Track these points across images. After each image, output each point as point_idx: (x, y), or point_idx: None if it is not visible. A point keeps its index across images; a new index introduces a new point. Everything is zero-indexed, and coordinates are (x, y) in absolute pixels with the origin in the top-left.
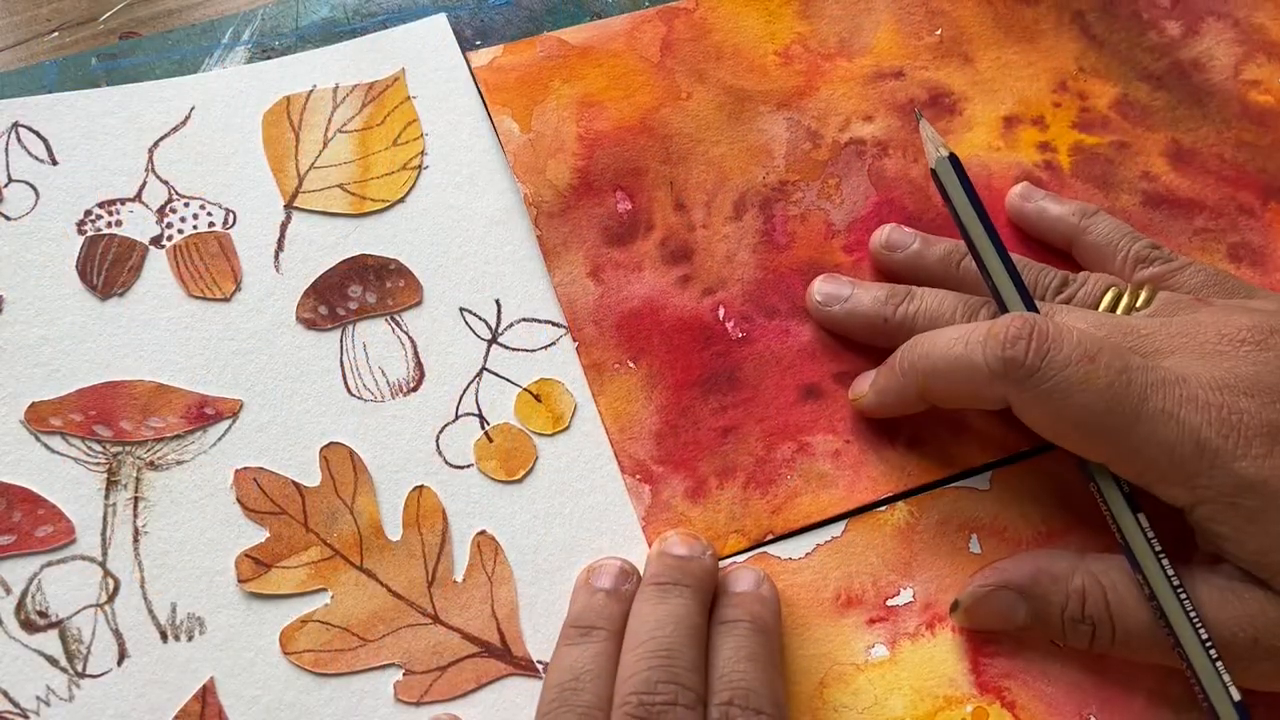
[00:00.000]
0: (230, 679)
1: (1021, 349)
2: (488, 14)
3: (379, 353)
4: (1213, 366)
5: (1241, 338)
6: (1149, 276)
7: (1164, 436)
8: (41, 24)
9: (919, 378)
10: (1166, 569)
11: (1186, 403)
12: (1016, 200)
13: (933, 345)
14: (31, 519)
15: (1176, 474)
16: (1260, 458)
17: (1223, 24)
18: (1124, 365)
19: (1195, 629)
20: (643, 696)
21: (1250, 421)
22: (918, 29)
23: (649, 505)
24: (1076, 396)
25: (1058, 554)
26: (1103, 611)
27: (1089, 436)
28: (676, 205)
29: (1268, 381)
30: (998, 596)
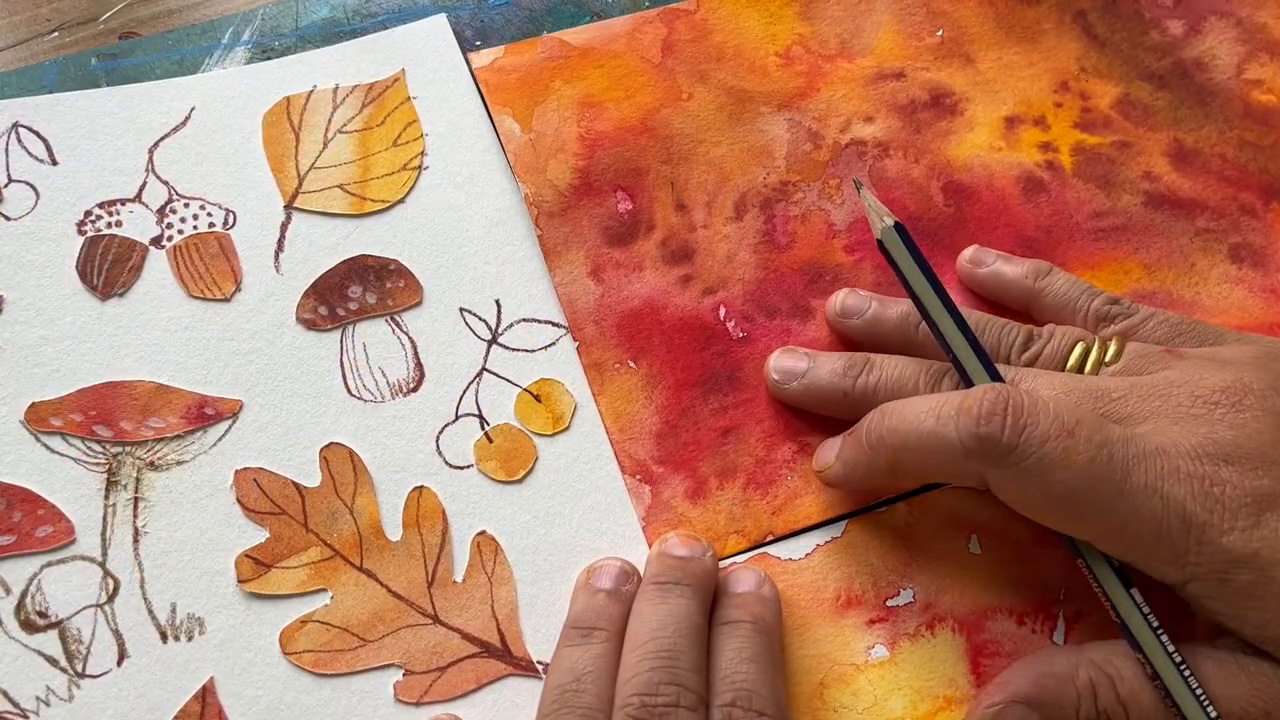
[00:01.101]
0: (230, 679)
1: (997, 425)
2: (488, 14)
3: (379, 353)
4: (1190, 433)
5: (1215, 399)
6: (1113, 334)
7: (1149, 512)
8: (41, 24)
9: (889, 452)
10: (1167, 646)
11: (1168, 476)
12: (968, 266)
13: (901, 419)
14: (31, 519)
15: (1165, 551)
16: (1248, 529)
17: (1225, 23)
18: (1104, 439)
19: (1204, 707)
20: (644, 698)
21: (1233, 492)
22: (919, 30)
23: (649, 506)
24: (1057, 474)
25: (1055, 653)
26: (1115, 703)
27: (1072, 515)
28: (677, 205)
29: (1247, 447)
30: (1009, 714)
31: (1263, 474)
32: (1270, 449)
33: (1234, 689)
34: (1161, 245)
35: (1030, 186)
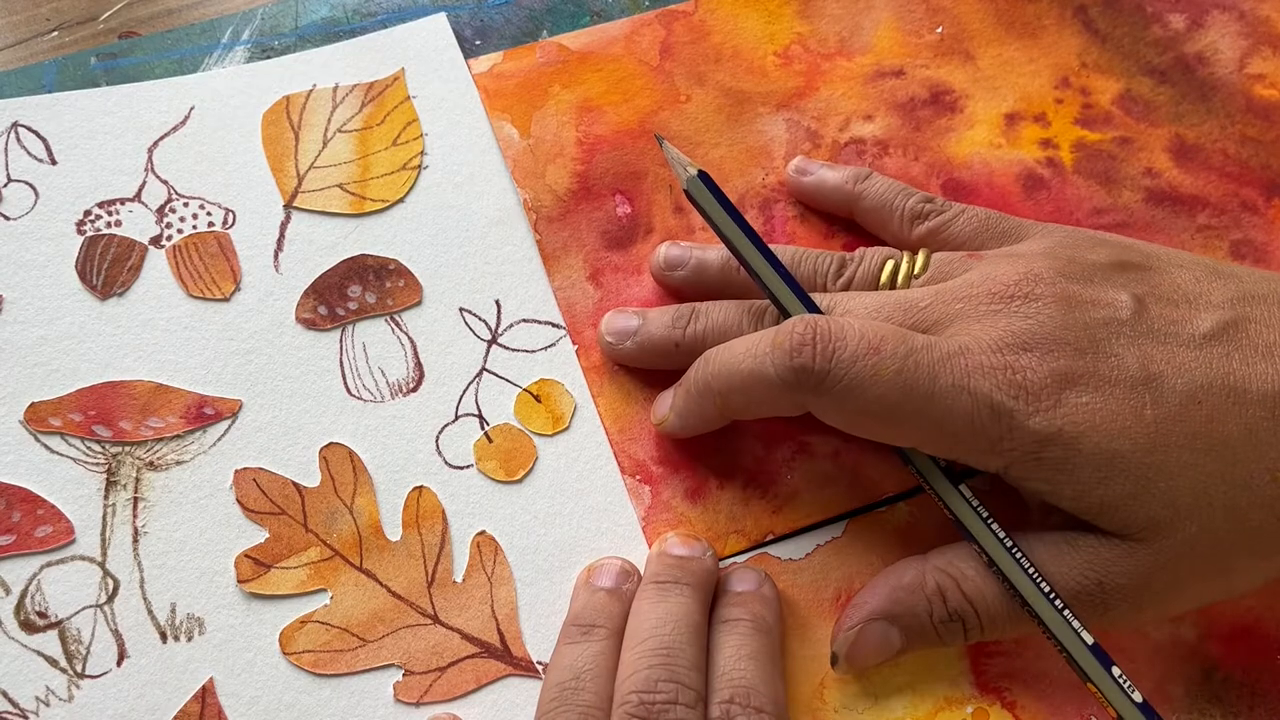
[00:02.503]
0: (230, 679)
1: (808, 355)
2: (487, 14)
3: (379, 353)
4: (989, 328)
5: (1010, 293)
6: (925, 231)
7: (961, 410)
8: (41, 23)
9: (715, 397)
10: (998, 533)
11: (973, 372)
12: (793, 175)
13: (723, 363)
14: (31, 519)
15: (981, 442)
16: (1050, 409)
17: (1227, 17)
18: (909, 349)
19: (1036, 583)
20: (643, 695)
21: (1033, 377)
22: (918, 27)
23: (649, 506)
24: (869, 390)
25: (904, 565)
26: (962, 602)
27: (890, 424)
28: (676, 208)
29: (1040, 332)
30: (868, 632)
31: (1059, 355)
32: (1062, 331)
33: (1065, 565)
34: (1162, 242)
35: (1031, 183)
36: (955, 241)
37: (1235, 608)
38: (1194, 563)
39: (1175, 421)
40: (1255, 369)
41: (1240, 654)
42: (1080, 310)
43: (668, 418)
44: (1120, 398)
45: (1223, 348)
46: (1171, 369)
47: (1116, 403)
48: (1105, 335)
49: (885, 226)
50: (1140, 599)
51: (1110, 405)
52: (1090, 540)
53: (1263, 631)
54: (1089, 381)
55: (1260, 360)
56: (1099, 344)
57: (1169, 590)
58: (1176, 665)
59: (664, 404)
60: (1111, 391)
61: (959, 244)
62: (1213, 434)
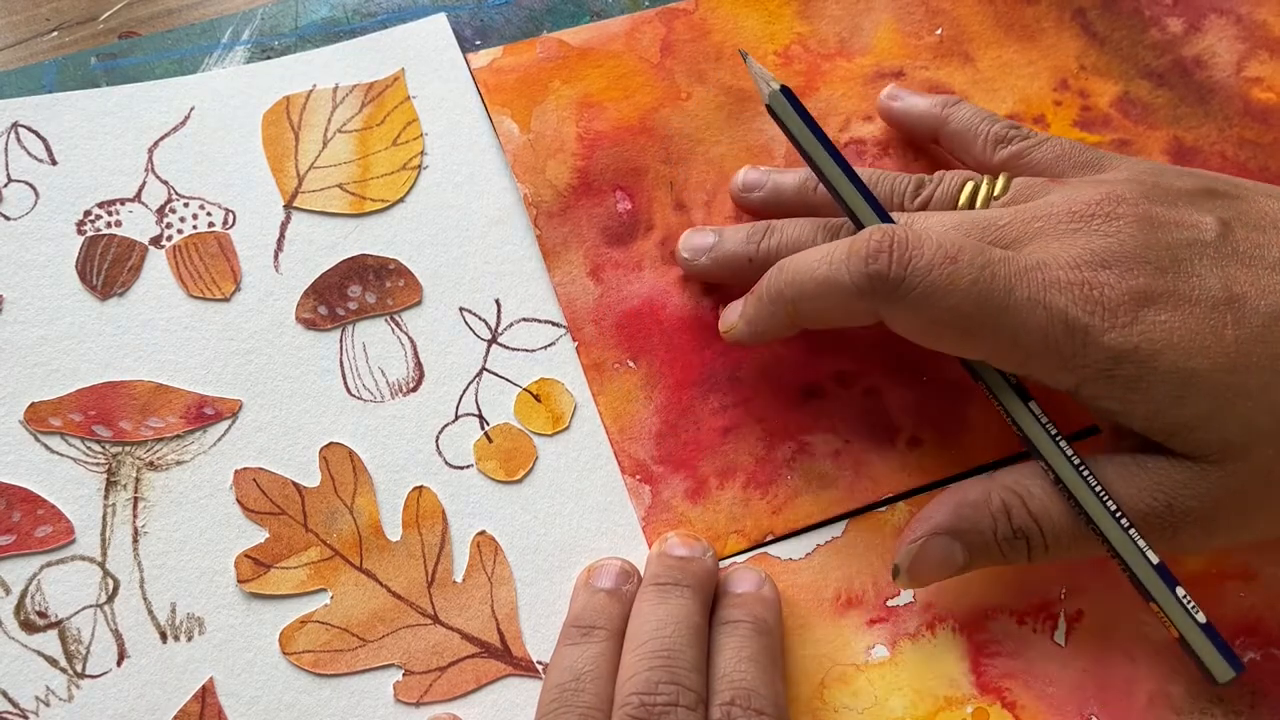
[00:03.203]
0: (230, 679)
1: (884, 261)
2: (487, 13)
3: (379, 353)
4: (1069, 245)
5: (1091, 212)
6: (1008, 155)
7: (1035, 323)
8: (41, 23)
9: (787, 304)
10: (1067, 451)
11: (1049, 286)
12: (885, 101)
13: (797, 269)
14: (31, 519)
15: (1054, 358)
16: (1127, 326)
17: (1225, 20)
18: (985, 260)
19: (1103, 501)
20: (644, 697)
21: (1110, 294)
22: (918, 28)
23: (649, 505)
24: (944, 299)
25: (971, 483)
26: (1027, 519)
27: (964, 336)
28: (676, 205)
29: (1120, 250)
30: (932, 546)
31: (1138, 273)
32: (1143, 250)
33: (1134, 486)
34: None
35: None
36: (1037, 168)
37: (1236, 605)
38: (1268, 488)
39: (1258, 342)
40: None
41: (1241, 654)
42: (1163, 231)
43: (736, 325)
44: (1200, 317)
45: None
46: (1256, 290)
47: (1196, 321)
48: (1188, 255)
49: (969, 150)
50: (1211, 523)
51: (1190, 324)
52: (1161, 462)
53: (1263, 630)
54: (1168, 300)
55: None
56: (1180, 264)
57: (1240, 516)
58: (1177, 664)
59: (733, 312)
60: (1191, 310)
61: (1041, 170)
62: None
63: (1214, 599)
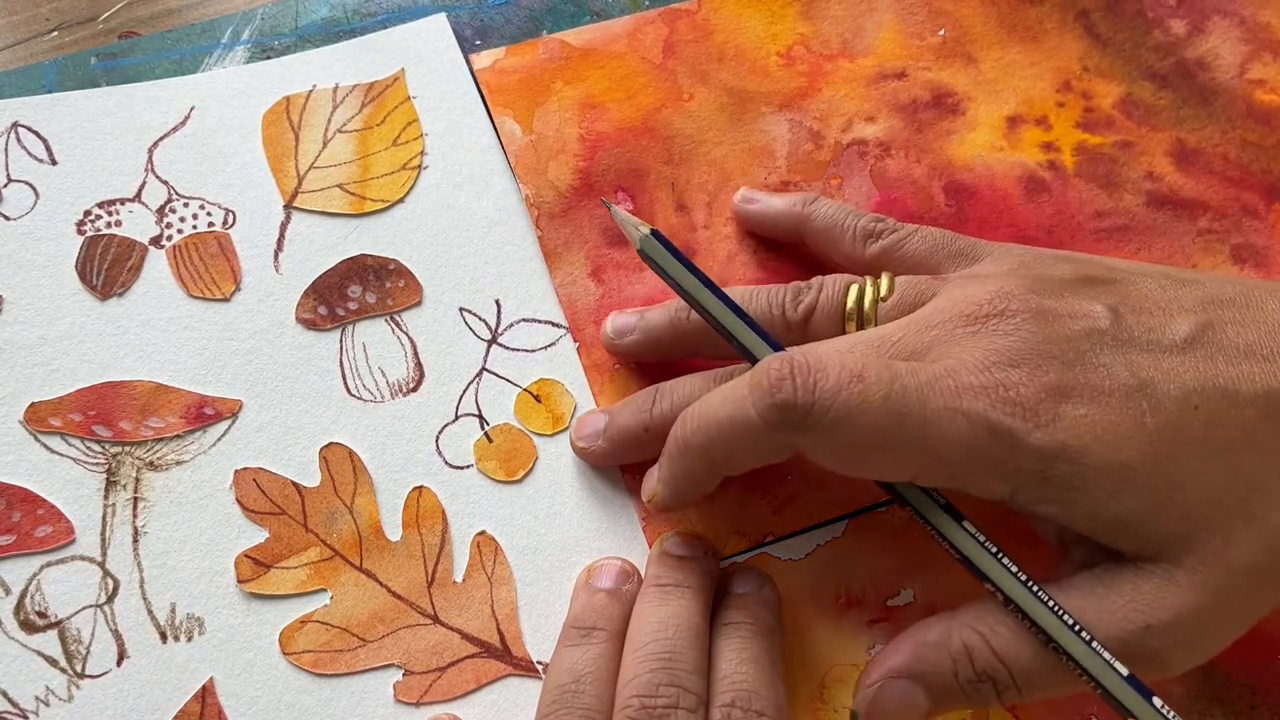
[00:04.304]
0: (230, 679)
1: (789, 390)
2: (487, 13)
3: (379, 353)
4: (970, 349)
5: (984, 313)
6: (880, 249)
7: (957, 432)
8: (41, 23)
9: (699, 455)
10: (1009, 566)
11: (963, 392)
12: (740, 204)
13: (701, 416)
14: (31, 519)
15: (984, 466)
16: (1050, 424)
17: (1228, 22)
18: (892, 375)
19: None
20: (644, 699)
21: (1025, 393)
22: (920, 29)
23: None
24: (859, 419)
25: (931, 621)
26: (992, 660)
27: (886, 455)
28: (678, 206)
29: (1023, 348)
30: (890, 690)
31: (1047, 369)
32: (1045, 344)
33: (1106, 610)
34: (1163, 246)
35: (1032, 186)
36: (910, 260)
37: None
38: (1233, 582)
39: (1176, 428)
40: (1240, 369)
41: (1240, 654)
42: (1059, 323)
43: (657, 490)
44: (1117, 407)
45: (1204, 350)
46: (1161, 375)
47: (1115, 413)
48: (1089, 346)
49: (837, 246)
50: (1195, 637)
51: (1109, 416)
52: (1127, 575)
53: (1263, 631)
54: (1083, 393)
55: (1243, 360)
56: (1084, 355)
57: (1220, 622)
58: None
59: (651, 479)
60: (1108, 401)
61: (914, 263)
62: (1213, 439)
63: None
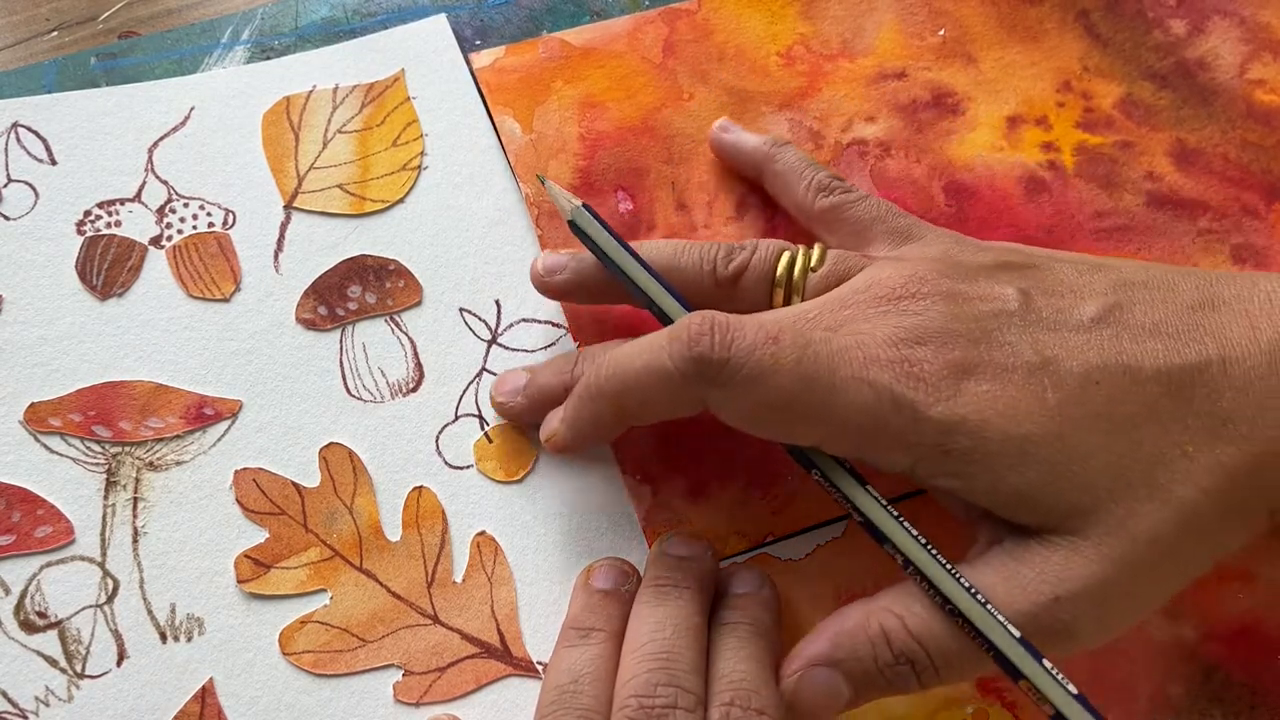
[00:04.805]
0: (229, 680)
1: (707, 344)
2: (487, 13)
3: (379, 353)
4: (880, 325)
5: (897, 294)
6: (829, 205)
7: (862, 402)
8: (40, 23)
9: (610, 400)
10: (910, 530)
11: (870, 364)
12: (716, 132)
13: (617, 362)
14: (31, 519)
15: (886, 437)
16: (951, 399)
17: (1228, 22)
18: (806, 340)
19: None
20: (642, 699)
21: (929, 369)
22: (920, 29)
23: (649, 505)
24: (770, 379)
25: (849, 608)
26: (909, 641)
27: (794, 419)
28: (678, 205)
29: (931, 327)
30: (810, 679)
31: (952, 347)
32: (952, 323)
33: (1017, 584)
34: (1163, 246)
35: (1032, 186)
36: (852, 224)
37: (1236, 607)
38: (1139, 552)
39: (1077, 404)
40: (1144, 346)
41: (1240, 654)
42: (968, 304)
43: (557, 430)
44: (1019, 384)
45: (1110, 329)
46: (1065, 352)
47: (1016, 389)
48: (995, 326)
49: (790, 193)
50: (1102, 607)
51: (1010, 391)
52: (1034, 548)
53: (1263, 632)
54: (986, 370)
55: (1148, 338)
56: (990, 334)
57: (1128, 592)
58: (1177, 666)
59: (554, 419)
60: (1010, 378)
61: (857, 226)
62: (1115, 414)
63: (1213, 600)
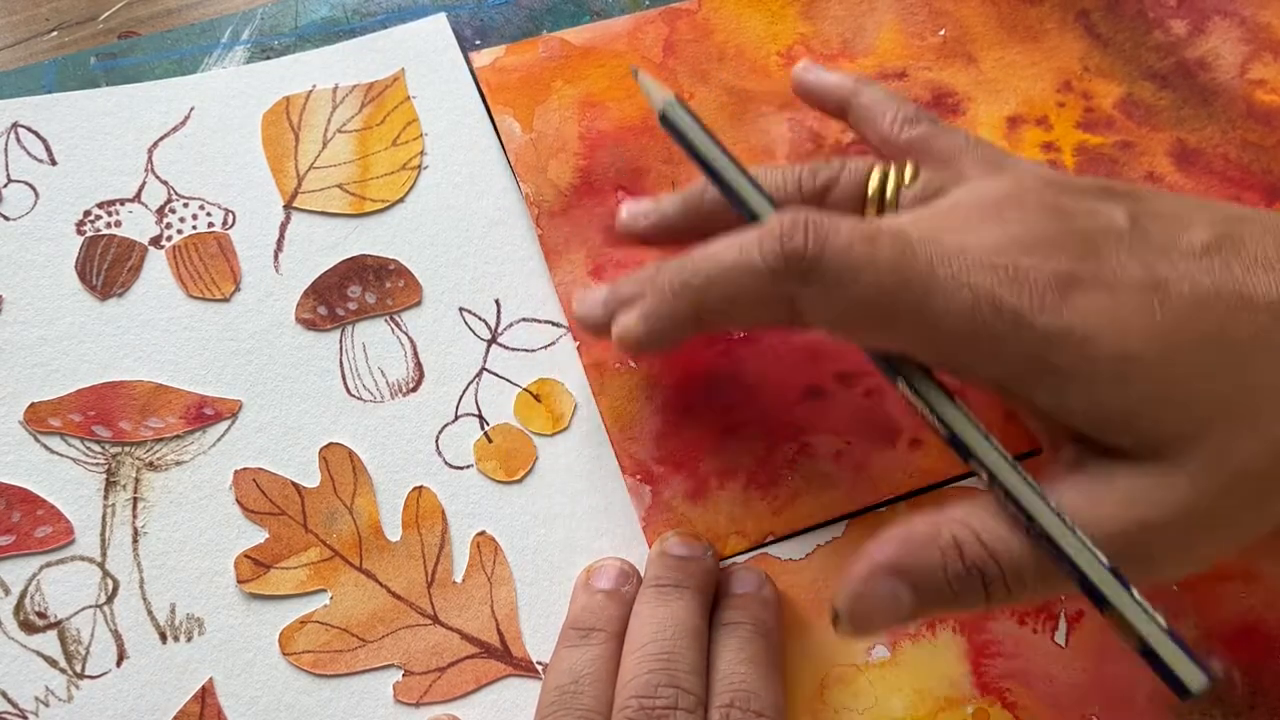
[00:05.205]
0: (229, 680)
1: (800, 240)
2: (487, 13)
3: (378, 353)
4: (984, 235)
5: (1001, 204)
6: (916, 135)
7: (960, 305)
8: (40, 23)
9: (693, 295)
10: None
11: (973, 269)
12: (799, 72)
13: (704, 259)
14: (30, 519)
15: (982, 342)
16: (1057, 308)
17: (1229, 22)
18: (905, 239)
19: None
20: (643, 700)
21: (1037, 276)
22: (921, 29)
23: (649, 505)
24: (865, 276)
25: (918, 518)
26: (981, 553)
27: (885, 319)
28: None
29: (1038, 237)
30: (874, 586)
31: (1060, 258)
32: (1060, 236)
33: (1103, 507)
34: None
35: None
36: (940, 154)
37: (1236, 607)
38: (1232, 484)
39: (1187, 326)
40: (1258, 278)
41: (1241, 654)
42: (1075, 219)
43: (631, 326)
44: (1129, 300)
45: (1222, 258)
46: (1176, 275)
47: (1125, 306)
48: (1104, 242)
49: (876, 125)
50: (1189, 538)
51: (1119, 308)
52: (1121, 473)
53: (1263, 631)
54: (1095, 284)
55: (1261, 270)
56: (1099, 250)
57: (1215, 525)
58: None
59: (629, 315)
60: (1118, 295)
61: (944, 155)
62: (1225, 338)
63: (1214, 599)
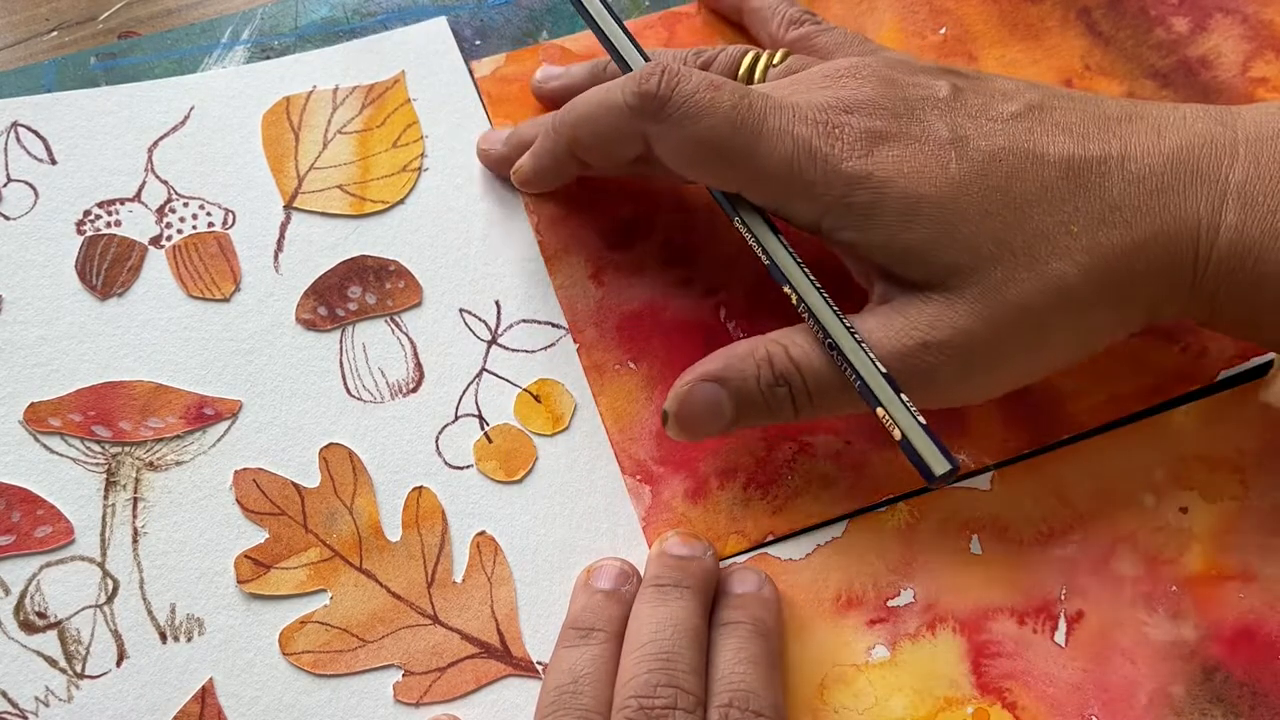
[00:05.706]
0: (229, 680)
1: (654, 82)
2: (487, 13)
3: (379, 353)
4: (818, 95)
5: (840, 73)
6: (797, 35)
7: (783, 152)
8: (40, 23)
9: (569, 130)
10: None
11: (798, 121)
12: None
13: (581, 99)
14: (30, 519)
15: (798, 185)
16: (863, 156)
17: (1231, 20)
18: (745, 93)
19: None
20: (642, 700)
21: (849, 132)
22: (921, 28)
23: (649, 505)
24: (705, 119)
25: (741, 340)
26: (789, 366)
27: (719, 160)
28: (677, 207)
29: (861, 99)
30: (698, 391)
31: (875, 118)
32: (882, 99)
33: (892, 330)
34: None
35: None
36: (821, 50)
37: (1236, 607)
38: (1008, 315)
39: (977, 175)
40: (1054, 139)
41: (1241, 654)
42: (901, 88)
43: (523, 163)
44: (928, 153)
45: (1026, 123)
46: (978, 134)
47: (923, 157)
48: (921, 107)
49: (765, 27)
50: (966, 356)
51: (918, 158)
52: (913, 301)
53: (1263, 631)
54: (900, 139)
55: (1060, 134)
56: (914, 112)
57: (992, 352)
58: (1178, 665)
59: (525, 158)
60: (920, 148)
61: (823, 53)
62: (1011, 189)
63: (1214, 600)
